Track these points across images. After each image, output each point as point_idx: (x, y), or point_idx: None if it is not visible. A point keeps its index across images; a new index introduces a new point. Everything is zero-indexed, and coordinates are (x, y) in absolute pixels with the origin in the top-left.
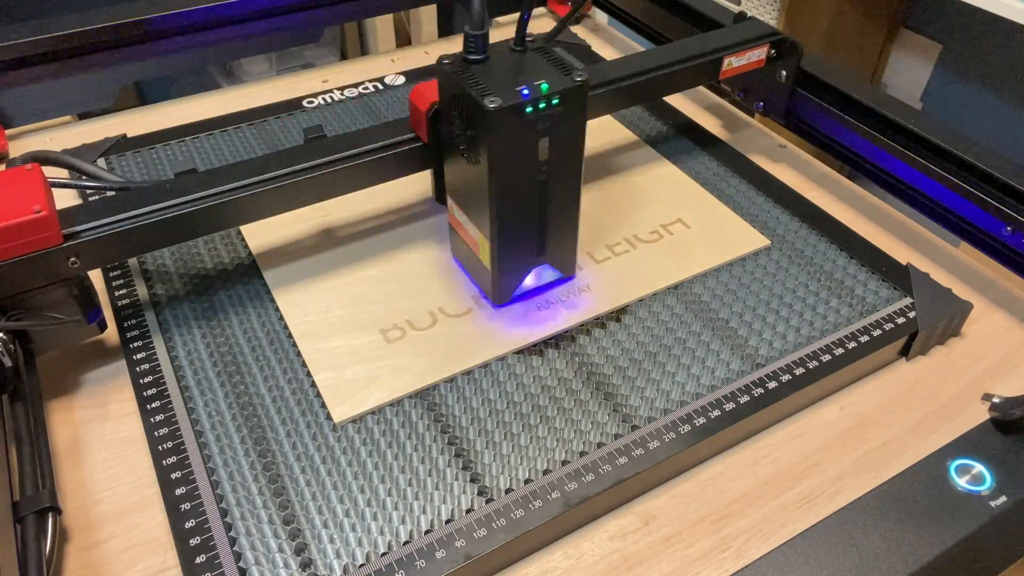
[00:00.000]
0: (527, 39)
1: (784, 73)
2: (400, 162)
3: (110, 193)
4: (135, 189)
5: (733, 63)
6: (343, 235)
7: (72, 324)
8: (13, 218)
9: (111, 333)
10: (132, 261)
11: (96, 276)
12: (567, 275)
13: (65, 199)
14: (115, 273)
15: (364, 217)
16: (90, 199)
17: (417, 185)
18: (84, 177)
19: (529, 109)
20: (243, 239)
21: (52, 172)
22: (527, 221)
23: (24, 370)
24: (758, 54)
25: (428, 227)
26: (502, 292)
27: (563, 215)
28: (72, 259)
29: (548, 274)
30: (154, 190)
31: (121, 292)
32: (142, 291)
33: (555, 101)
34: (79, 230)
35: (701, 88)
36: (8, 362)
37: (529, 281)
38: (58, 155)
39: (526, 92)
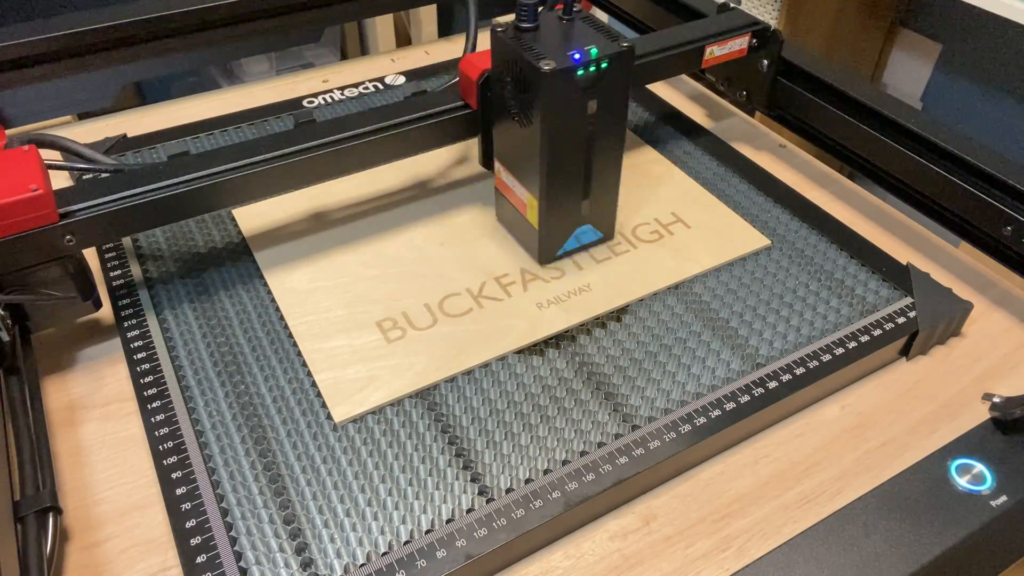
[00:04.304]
0: (575, 9)
1: (766, 62)
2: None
3: (105, 175)
4: (129, 171)
5: (715, 52)
6: (338, 223)
7: (67, 301)
8: (10, 196)
9: (106, 312)
10: (127, 242)
11: (92, 258)
12: (607, 236)
13: (62, 183)
14: (110, 254)
15: (360, 210)
16: (85, 180)
17: (400, 174)
18: (79, 159)
19: (580, 72)
20: (236, 223)
21: (49, 156)
22: (574, 181)
23: (20, 347)
24: (740, 43)
25: (427, 222)
26: (548, 251)
27: (606, 177)
28: (68, 237)
29: (588, 234)
30: (147, 171)
31: (116, 272)
32: (136, 271)
33: (604, 64)
34: (74, 209)
35: (701, 88)
36: (6, 337)
37: (571, 243)
38: (54, 137)
39: (577, 56)
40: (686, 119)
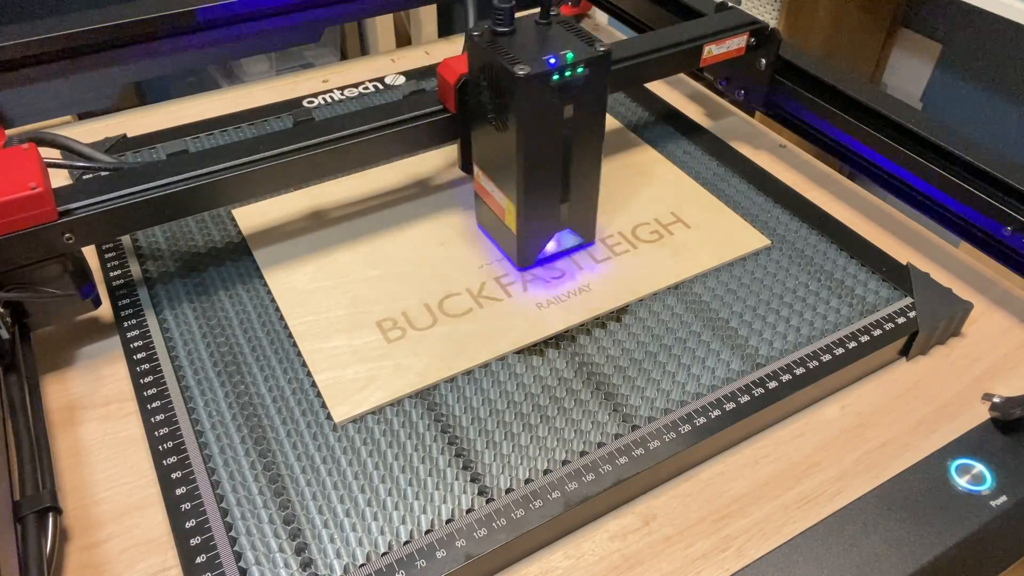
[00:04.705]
0: (552, 13)
1: (763, 61)
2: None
3: (104, 173)
4: (128, 169)
5: (713, 51)
6: (338, 222)
7: (66, 298)
8: (9, 194)
9: (105, 310)
10: (126, 241)
11: (91, 257)
12: (587, 240)
13: (62, 182)
14: (110, 253)
15: (360, 209)
16: (84, 179)
17: (400, 174)
18: (79, 158)
19: (556, 76)
20: (235, 222)
21: (48, 154)
22: (551, 186)
23: (20, 345)
24: (738, 42)
25: (427, 222)
26: (526, 255)
27: (584, 181)
28: (67, 235)
29: (569, 239)
30: (146, 170)
31: (115, 271)
32: (135, 270)
33: (580, 69)
34: (74, 207)
35: (701, 88)
36: (5, 334)
37: (551, 247)
38: (54, 136)
39: (553, 61)
40: (686, 119)
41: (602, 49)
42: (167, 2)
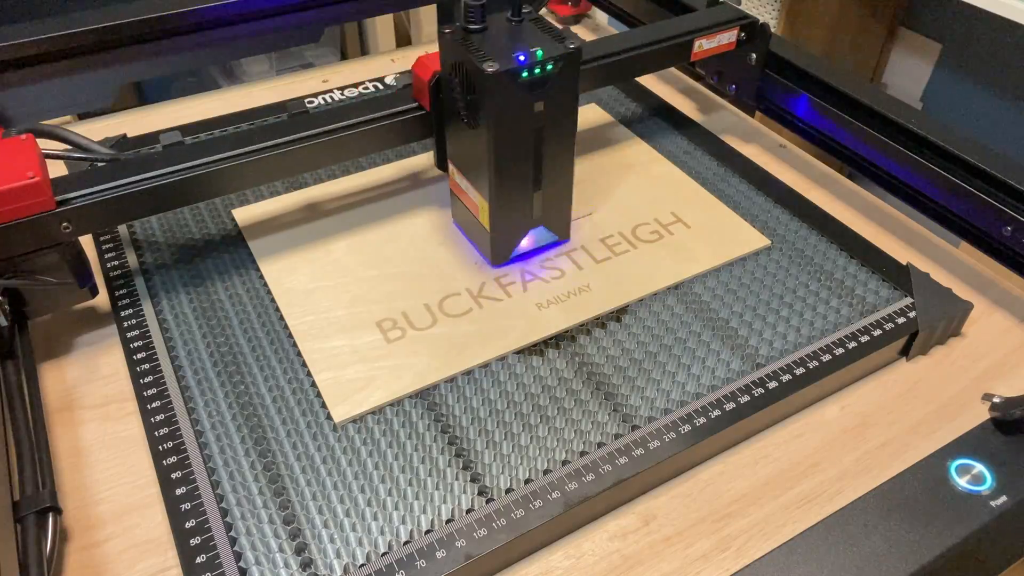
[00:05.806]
0: (524, 11)
1: (754, 56)
2: (404, 130)
3: (101, 164)
4: (125, 160)
5: (704, 45)
6: (338, 223)
7: (64, 287)
8: (8, 183)
9: (103, 299)
10: (123, 232)
11: (89, 247)
12: (562, 238)
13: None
14: (107, 245)
15: (360, 210)
16: (82, 169)
17: (401, 173)
18: (76, 149)
19: (525, 74)
20: (234, 220)
21: (47, 145)
22: (523, 183)
23: (18, 333)
24: (728, 37)
25: (428, 222)
26: (500, 252)
27: (557, 179)
28: (64, 224)
29: (543, 236)
30: (143, 160)
31: (112, 261)
32: (132, 260)
33: (549, 66)
34: (71, 196)
35: (702, 89)
36: (4, 322)
37: (525, 243)
38: (52, 128)
39: (522, 58)
40: (687, 119)
41: (572, 46)
42: (167, 2)
